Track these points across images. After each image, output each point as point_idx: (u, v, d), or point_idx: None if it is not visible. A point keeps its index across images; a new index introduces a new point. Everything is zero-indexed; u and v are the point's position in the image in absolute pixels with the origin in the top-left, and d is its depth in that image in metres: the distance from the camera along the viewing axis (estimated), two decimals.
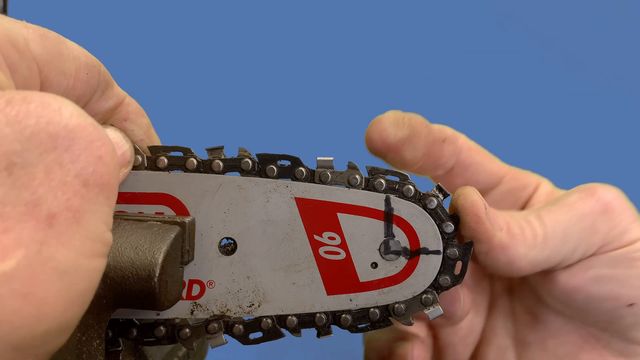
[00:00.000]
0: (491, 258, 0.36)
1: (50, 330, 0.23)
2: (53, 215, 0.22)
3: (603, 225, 0.36)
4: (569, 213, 0.36)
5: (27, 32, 0.28)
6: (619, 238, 0.36)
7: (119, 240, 0.31)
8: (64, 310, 0.23)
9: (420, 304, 0.37)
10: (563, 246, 0.36)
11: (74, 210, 0.23)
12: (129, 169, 0.35)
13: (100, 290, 0.30)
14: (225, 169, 0.36)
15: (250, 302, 0.37)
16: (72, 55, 0.30)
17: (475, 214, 0.35)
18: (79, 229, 0.23)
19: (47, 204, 0.22)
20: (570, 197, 0.37)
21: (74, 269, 0.23)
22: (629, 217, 0.36)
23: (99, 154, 0.24)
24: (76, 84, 0.31)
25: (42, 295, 0.22)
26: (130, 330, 0.37)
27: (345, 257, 0.36)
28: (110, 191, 0.24)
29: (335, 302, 0.37)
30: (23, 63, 0.27)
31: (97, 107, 0.34)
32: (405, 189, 0.36)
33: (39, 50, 0.28)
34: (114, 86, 0.34)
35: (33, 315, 0.22)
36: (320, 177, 0.36)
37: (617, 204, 0.36)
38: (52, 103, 0.23)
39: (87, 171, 0.23)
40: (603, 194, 0.36)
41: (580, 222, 0.36)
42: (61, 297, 0.23)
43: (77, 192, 0.23)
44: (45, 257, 0.22)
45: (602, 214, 0.36)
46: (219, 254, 0.36)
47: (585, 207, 0.36)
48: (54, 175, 0.23)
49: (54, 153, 0.23)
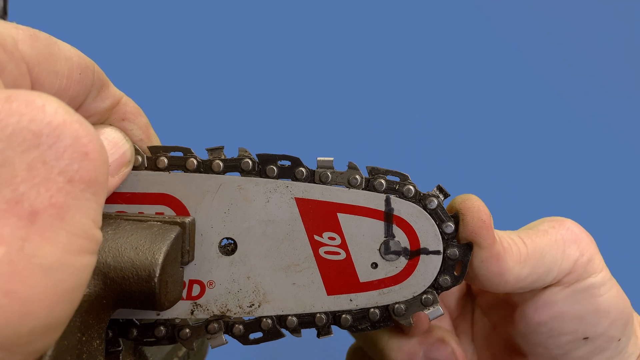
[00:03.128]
0: (485, 267, 0.37)
1: (36, 328, 0.22)
2: (36, 212, 0.22)
3: (574, 252, 0.39)
4: (544, 238, 0.39)
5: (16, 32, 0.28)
6: (584, 266, 0.39)
7: (119, 240, 0.31)
8: (50, 308, 0.23)
9: (421, 304, 0.37)
10: (539, 267, 0.38)
11: (58, 207, 0.23)
12: (129, 168, 0.35)
13: (100, 290, 0.30)
14: (225, 169, 0.36)
15: (250, 302, 0.36)
16: (64, 56, 0.30)
17: (480, 218, 0.36)
18: (63, 225, 0.23)
19: (29, 201, 0.22)
20: (542, 225, 0.40)
21: (59, 266, 0.23)
22: (593, 248, 0.39)
23: (84, 150, 0.23)
24: (69, 84, 0.31)
25: (26, 293, 0.22)
26: (130, 330, 0.37)
27: (345, 257, 0.36)
28: (98, 187, 0.24)
29: (335, 302, 0.37)
30: (11, 63, 0.27)
31: (92, 107, 0.34)
32: (405, 189, 0.36)
33: (28, 51, 0.28)
34: (109, 86, 0.34)
35: (17, 313, 0.22)
36: (321, 177, 0.36)
37: (584, 236, 0.39)
38: (35, 101, 0.23)
39: (72, 168, 0.23)
40: (571, 225, 0.40)
41: (554, 247, 0.39)
42: (47, 295, 0.22)
43: (62, 189, 0.23)
44: (27, 253, 0.22)
45: (572, 242, 0.39)
46: (219, 254, 0.36)
47: (557, 234, 0.39)
48: (37, 173, 0.22)
49: (37, 150, 0.22)
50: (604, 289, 0.39)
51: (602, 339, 0.39)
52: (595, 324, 0.39)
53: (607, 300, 0.39)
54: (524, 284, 0.38)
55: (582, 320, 0.39)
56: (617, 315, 0.39)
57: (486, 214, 0.36)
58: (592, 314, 0.39)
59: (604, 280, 0.39)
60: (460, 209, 0.37)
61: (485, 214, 0.36)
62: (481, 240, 0.36)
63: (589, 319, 0.39)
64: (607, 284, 0.39)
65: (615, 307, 0.39)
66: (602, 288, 0.39)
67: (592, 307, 0.39)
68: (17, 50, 0.28)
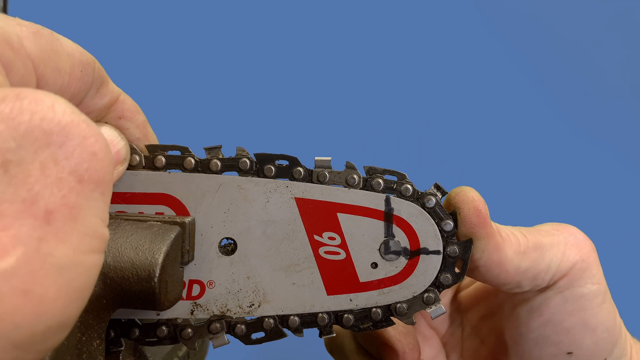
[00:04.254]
0: (486, 257, 0.37)
1: (51, 327, 0.23)
2: (50, 211, 0.22)
3: (574, 256, 0.38)
4: (547, 237, 0.39)
5: (20, 30, 0.28)
6: (581, 272, 0.38)
7: (119, 240, 0.31)
8: (64, 306, 0.23)
9: (422, 303, 0.37)
10: (539, 263, 0.38)
11: (71, 207, 0.23)
12: (125, 166, 0.35)
13: (100, 290, 0.30)
14: (223, 169, 0.36)
15: (250, 302, 0.37)
16: (66, 53, 0.30)
17: (476, 208, 0.36)
18: (76, 225, 0.23)
19: (44, 201, 0.22)
20: (545, 227, 0.40)
21: (72, 265, 0.23)
22: (594, 257, 0.39)
23: (92, 150, 0.23)
24: (71, 81, 0.31)
25: (42, 292, 0.22)
26: (132, 330, 0.37)
27: (345, 257, 0.36)
28: (105, 187, 0.24)
29: (335, 302, 0.37)
30: (18, 61, 0.27)
31: (92, 104, 0.34)
32: (403, 189, 0.36)
33: (33, 48, 0.28)
34: (109, 83, 0.34)
35: (33, 313, 0.22)
36: (319, 177, 0.36)
37: (587, 243, 0.39)
38: (45, 100, 0.23)
39: (81, 167, 0.23)
40: (575, 231, 0.40)
41: (555, 247, 0.38)
42: (61, 294, 0.23)
43: (73, 189, 0.23)
44: (44, 253, 0.22)
45: (574, 245, 0.39)
46: (219, 254, 0.36)
47: (560, 236, 0.39)
48: (50, 172, 0.22)
49: (48, 149, 0.23)
50: (596, 301, 0.38)
51: (586, 356, 0.39)
52: (581, 337, 0.39)
53: (596, 315, 0.38)
54: (523, 277, 0.38)
55: (568, 333, 0.39)
56: (603, 334, 0.39)
57: (482, 203, 0.36)
58: (580, 327, 0.38)
59: (598, 292, 0.38)
60: (455, 203, 0.37)
61: (480, 202, 0.36)
62: (479, 230, 0.36)
63: (575, 332, 0.39)
64: (601, 297, 0.39)
65: (603, 324, 0.39)
66: (595, 300, 0.38)
67: (581, 319, 0.38)
68: (23, 48, 0.28)
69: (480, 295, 0.45)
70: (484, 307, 0.44)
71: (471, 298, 0.45)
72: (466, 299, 0.46)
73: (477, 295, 0.45)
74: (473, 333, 0.45)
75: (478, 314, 0.45)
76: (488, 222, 0.36)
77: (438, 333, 0.46)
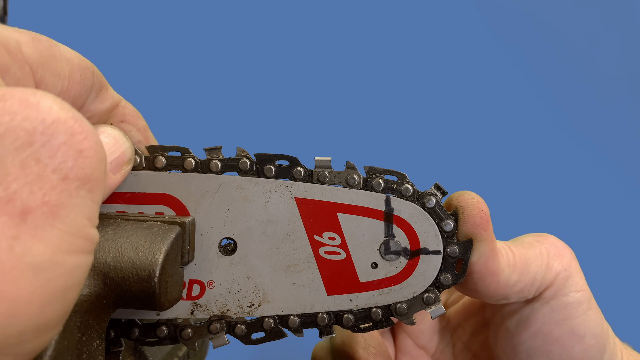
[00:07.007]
0: (482, 262, 0.37)
1: (26, 329, 0.22)
2: (28, 210, 0.22)
3: (556, 266, 0.39)
4: (530, 250, 0.39)
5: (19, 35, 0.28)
6: (565, 281, 0.39)
7: (119, 240, 0.31)
8: (40, 308, 0.22)
9: (422, 303, 0.37)
10: (525, 276, 0.38)
11: (51, 205, 0.22)
12: (130, 167, 0.35)
13: (100, 290, 0.30)
14: (223, 169, 0.36)
15: (250, 302, 0.37)
16: (64, 57, 0.30)
17: (480, 209, 0.36)
18: (56, 224, 0.22)
19: (21, 199, 0.22)
20: (527, 239, 0.41)
21: (50, 265, 0.22)
22: (575, 265, 0.40)
23: (79, 148, 0.23)
24: (71, 85, 0.31)
25: (15, 293, 0.21)
26: (132, 330, 0.37)
27: (345, 257, 0.36)
28: (94, 184, 0.24)
29: (335, 302, 0.37)
30: (15, 65, 0.27)
31: (92, 108, 0.34)
32: (403, 189, 0.36)
33: (31, 53, 0.29)
34: (108, 88, 0.34)
35: (4, 314, 0.21)
36: (319, 177, 0.36)
37: (567, 252, 0.40)
38: (29, 98, 0.23)
39: (66, 165, 0.23)
40: (554, 240, 0.40)
41: (539, 259, 0.39)
42: (37, 295, 0.22)
43: (55, 187, 0.23)
44: (17, 253, 0.21)
45: (555, 256, 0.39)
46: (219, 254, 0.36)
47: (542, 247, 0.39)
48: (30, 171, 0.22)
49: (30, 148, 0.22)
50: (581, 309, 0.39)
51: None
52: (570, 346, 0.39)
53: (583, 323, 0.39)
54: (511, 291, 0.38)
55: (557, 342, 0.39)
56: (591, 340, 0.39)
57: (485, 206, 0.37)
58: (568, 336, 0.39)
59: (583, 299, 0.39)
60: (458, 204, 0.37)
61: (484, 205, 0.36)
62: (481, 231, 0.36)
63: (564, 341, 0.39)
64: (586, 304, 0.39)
65: (591, 331, 0.39)
66: (580, 308, 0.39)
67: (568, 327, 0.39)
68: (21, 52, 0.28)
69: (469, 310, 0.45)
70: (474, 323, 0.45)
71: (460, 314, 0.46)
72: (455, 315, 0.46)
73: (465, 310, 0.45)
74: (465, 349, 0.45)
75: (468, 330, 0.45)
76: (490, 225, 0.36)
77: (428, 352, 0.46)
